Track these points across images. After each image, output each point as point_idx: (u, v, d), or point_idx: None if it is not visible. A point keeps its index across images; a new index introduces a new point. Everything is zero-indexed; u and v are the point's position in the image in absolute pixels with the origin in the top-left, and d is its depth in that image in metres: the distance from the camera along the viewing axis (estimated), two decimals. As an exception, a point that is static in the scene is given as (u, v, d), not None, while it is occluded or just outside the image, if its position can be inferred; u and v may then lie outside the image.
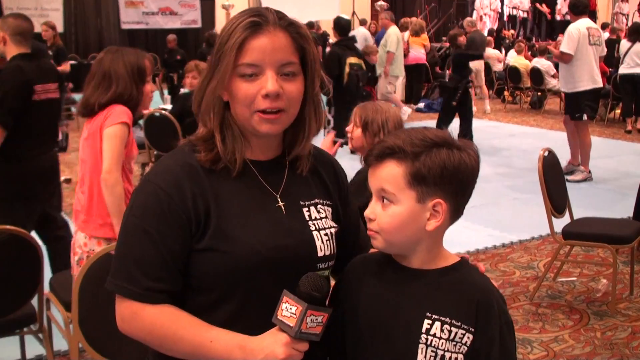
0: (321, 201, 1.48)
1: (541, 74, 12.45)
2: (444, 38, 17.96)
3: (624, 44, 10.42)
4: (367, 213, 1.37)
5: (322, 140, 2.80)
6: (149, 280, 1.33)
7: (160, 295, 1.34)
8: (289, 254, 1.37)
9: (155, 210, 1.34)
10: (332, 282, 1.52)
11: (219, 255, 1.34)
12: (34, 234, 3.93)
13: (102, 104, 2.91)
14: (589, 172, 7.26)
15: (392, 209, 1.34)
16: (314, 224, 1.44)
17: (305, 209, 1.44)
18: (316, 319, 1.26)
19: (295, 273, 1.33)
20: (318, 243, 1.42)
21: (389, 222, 1.35)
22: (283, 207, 1.42)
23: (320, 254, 1.42)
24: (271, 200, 1.41)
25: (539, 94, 13.15)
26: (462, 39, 9.10)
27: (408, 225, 1.35)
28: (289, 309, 1.25)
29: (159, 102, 11.41)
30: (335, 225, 1.48)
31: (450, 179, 1.34)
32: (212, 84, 1.36)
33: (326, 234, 1.45)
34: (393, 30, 10.76)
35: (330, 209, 1.50)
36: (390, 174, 1.34)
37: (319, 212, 1.46)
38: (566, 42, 6.98)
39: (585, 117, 7.10)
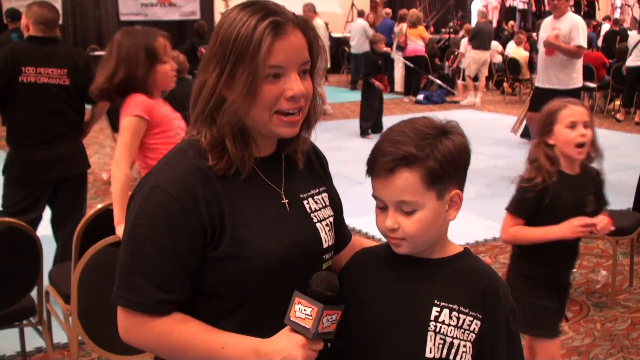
0: (316, 190, 1.48)
1: (541, 66, 12.42)
2: (444, 29, 17.94)
3: (634, 35, 10.41)
4: (390, 224, 1.34)
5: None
6: (159, 292, 1.27)
7: (170, 306, 1.30)
8: (300, 250, 1.36)
9: (166, 219, 1.27)
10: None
11: (239, 262, 1.30)
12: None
13: (116, 91, 2.90)
14: None
15: (418, 215, 1.33)
16: (315, 216, 1.43)
17: (305, 202, 1.44)
18: (331, 318, 1.25)
19: (306, 268, 1.33)
20: (322, 234, 1.42)
21: (417, 228, 1.33)
22: (287, 205, 1.40)
23: (325, 245, 1.43)
24: (277, 199, 1.39)
25: (539, 85, 13.12)
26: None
27: (433, 224, 1.35)
28: (303, 311, 1.23)
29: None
30: (332, 213, 1.49)
31: (458, 167, 1.35)
32: (236, 94, 1.27)
33: (327, 224, 1.45)
34: (317, 23, 10.80)
35: (326, 194, 1.51)
36: (407, 184, 1.31)
37: (316, 202, 1.46)
38: (582, 36, 6.53)
39: None
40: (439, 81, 12.93)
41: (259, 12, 1.28)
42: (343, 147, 8.30)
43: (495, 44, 13.79)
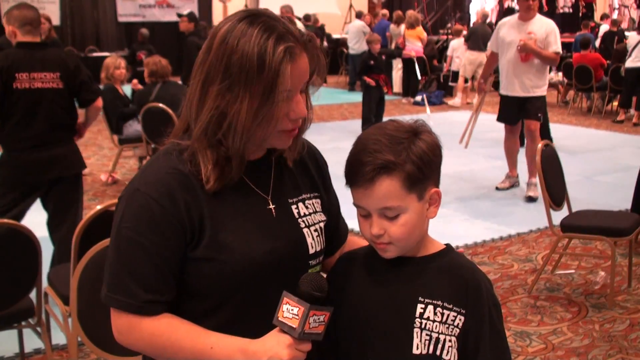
0: (308, 195, 1.49)
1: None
2: (442, 31, 17.95)
3: (634, 36, 10.42)
4: (376, 231, 1.35)
5: None
6: (146, 292, 1.31)
7: (158, 306, 1.33)
8: (282, 255, 1.37)
9: (148, 222, 1.30)
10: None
11: (216, 264, 1.32)
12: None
13: None
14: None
15: (402, 219, 1.35)
16: (303, 221, 1.44)
17: (293, 207, 1.44)
18: (318, 319, 1.26)
19: (289, 273, 1.34)
20: (309, 240, 1.43)
21: (403, 231, 1.35)
22: (273, 210, 1.41)
23: (311, 251, 1.43)
24: (262, 204, 1.40)
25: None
26: None
27: (418, 225, 1.38)
28: (290, 310, 1.24)
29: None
30: (323, 218, 1.50)
31: (434, 166, 1.38)
32: (257, 122, 1.29)
33: (316, 230, 1.45)
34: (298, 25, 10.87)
35: (318, 200, 1.51)
36: (388, 191, 1.33)
37: (307, 207, 1.47)
38: (559, 41, 6.14)
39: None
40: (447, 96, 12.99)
41: (270, 32, 1.27)
42: (341, 148, 8.29)
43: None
